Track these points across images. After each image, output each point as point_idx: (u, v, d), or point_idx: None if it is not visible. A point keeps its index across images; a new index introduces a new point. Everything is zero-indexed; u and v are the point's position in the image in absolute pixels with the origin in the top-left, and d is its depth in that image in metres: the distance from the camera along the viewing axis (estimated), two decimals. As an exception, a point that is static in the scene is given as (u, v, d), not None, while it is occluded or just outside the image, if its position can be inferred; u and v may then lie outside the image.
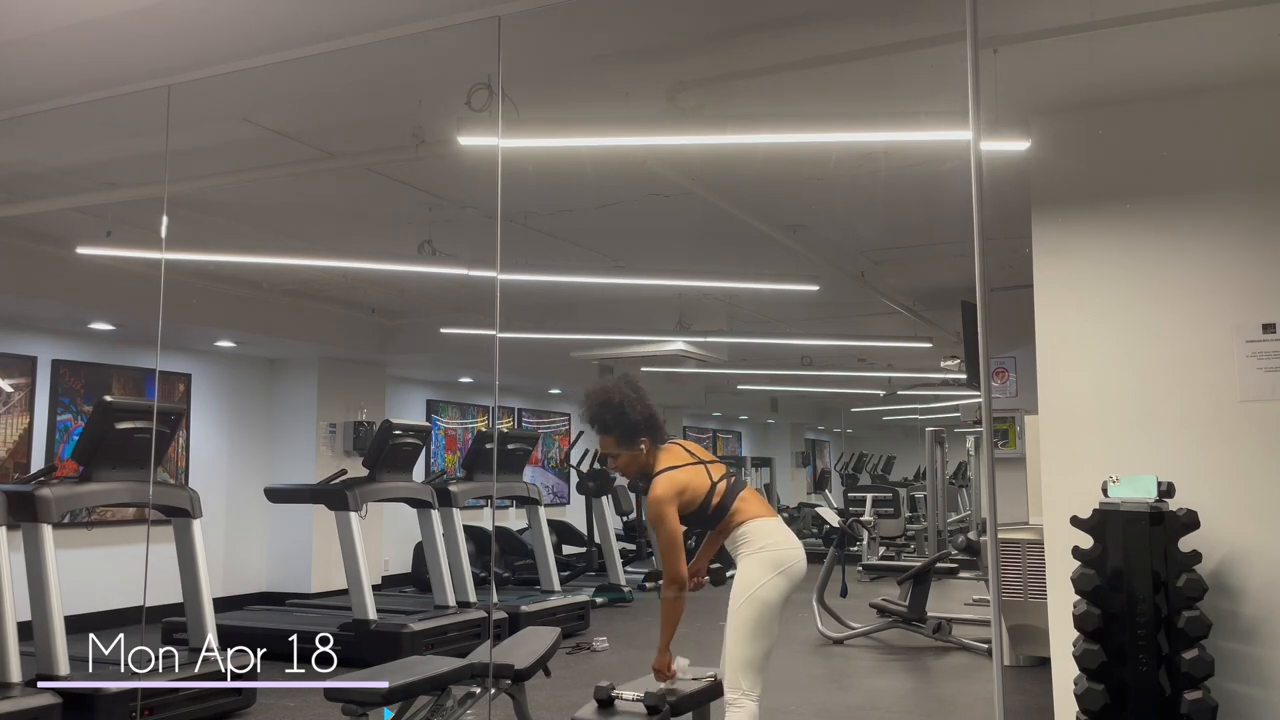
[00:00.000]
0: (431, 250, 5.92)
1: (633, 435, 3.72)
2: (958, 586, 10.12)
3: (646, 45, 3.65)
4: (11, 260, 6.44)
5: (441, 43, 3.47)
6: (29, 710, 4.58)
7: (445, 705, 4.24)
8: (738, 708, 3.54)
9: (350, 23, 3.37)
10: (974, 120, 2.60)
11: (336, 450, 9.91)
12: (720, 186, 5.22)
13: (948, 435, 13.03)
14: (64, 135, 4.63)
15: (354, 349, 9.55)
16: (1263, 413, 3.75)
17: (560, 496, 13.69)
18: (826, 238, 6.50)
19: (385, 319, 9.50)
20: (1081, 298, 4.05)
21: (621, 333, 8.82)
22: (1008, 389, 7.08)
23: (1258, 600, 3.70)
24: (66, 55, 3.66)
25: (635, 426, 3.72)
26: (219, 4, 3.27)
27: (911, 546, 13.27)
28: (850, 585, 8.56)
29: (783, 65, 3.73)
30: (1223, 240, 3.87)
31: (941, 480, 12.82)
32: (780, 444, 20.00)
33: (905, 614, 7.80)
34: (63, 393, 8.11)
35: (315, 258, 6.80)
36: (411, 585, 9.92)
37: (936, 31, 3.35)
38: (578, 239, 6.62)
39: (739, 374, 12.50)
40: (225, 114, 4.32)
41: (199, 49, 3.59)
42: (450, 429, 12.20)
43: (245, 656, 5.21)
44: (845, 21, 3.49)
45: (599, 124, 3.89)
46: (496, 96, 3.49)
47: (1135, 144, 4.04)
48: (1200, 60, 3.74)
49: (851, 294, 7.94)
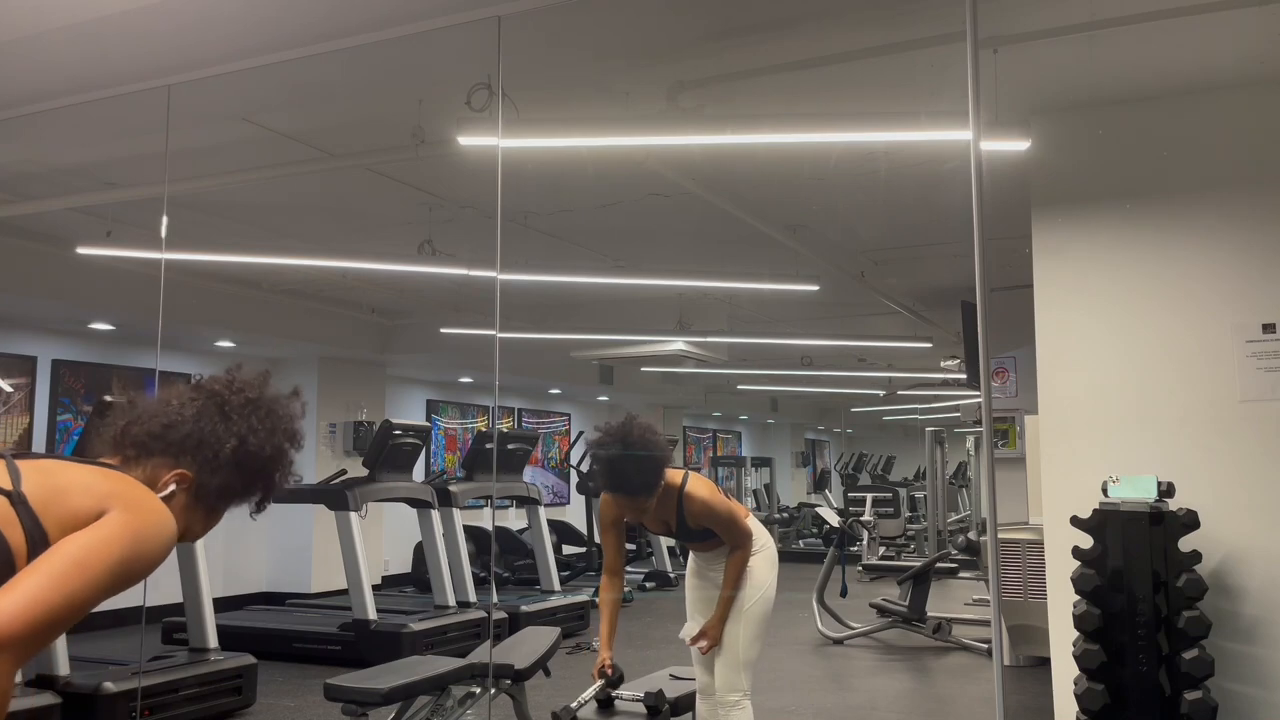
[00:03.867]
0: (431, 250, 5.92)
1: (658, 483, 3.55)
2: (958, 586, 10.13)
3: (646, 45, 3.65)
4: (11, 260, 6.44)
5: (441, 43, 3.46)
6: (29, 710, 4.57)
7: (445, 705, 4.24)
8: (740, 708, 3.56)
9: (350, 23, 3.36)
10: (974, 120, 2.60)
11: (336, 450, 9.91)
12: (720, 186, 5.22)
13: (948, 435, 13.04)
14: (64, 135, 4.62)
15: (354, 349, 9.55)
16: (1263, 413, 3.75)
17: (560, 496, 13.69)
18: (826, 238, 6.50)
19: (385, 319, 9.50)
20: (1081, 298, 4.05)
21: (621, 333, 8.82)
22: (1008, 389, 7.08)
23: (1258, 600, 3.70)
24: (66, 55, 3.66)
25: (659, 476, 3.54)
26: (219, 4, 3.27)
27: (911, 546, 13.28)
28: (850, 585, 8.56)
29: (783, 65, 3.73)
30: (1223, 240, 3.87)
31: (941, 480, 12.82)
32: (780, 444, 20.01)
33: (905, 614, 7.80)
34: (63, 393, 8.11)
35: (315, 258, 6.80)
36: (411, 585, 9.93)
37: (936, 31, 3.35)
38: (578, 239, 6.62)
39: (739, 374, 12.51)
40: (225, 114, 4.31)
41: (199, 49, 3.59)
42: (450, 429, 12.20)
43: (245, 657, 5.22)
44: (845, 21, 3.48)
45: (599, 124, 3.89)
46: (496, 96, 3.49)
47: (1135, 144, 4.04)
48: (1200, 60, 3.74)
49: (851, 294, 7.95)
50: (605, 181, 5.17)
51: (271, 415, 1.56)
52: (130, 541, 1.33)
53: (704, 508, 3.57)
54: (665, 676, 4.25)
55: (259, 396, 1.56)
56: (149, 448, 1.48)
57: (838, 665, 7.10)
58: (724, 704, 3.58)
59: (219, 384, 1.55)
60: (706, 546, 3.76)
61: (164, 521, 1.38)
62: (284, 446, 1.58)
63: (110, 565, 1.30)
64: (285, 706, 5.75)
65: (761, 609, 3.64)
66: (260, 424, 1.54)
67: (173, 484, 1.47)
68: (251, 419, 1.53)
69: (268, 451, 1.54)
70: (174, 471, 1.48)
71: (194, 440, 1.49)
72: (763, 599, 3.65)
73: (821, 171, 4.97)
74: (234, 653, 5.65)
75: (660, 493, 3.53)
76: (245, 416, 1.53)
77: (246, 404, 1.54)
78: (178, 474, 1.47)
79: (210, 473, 1.49)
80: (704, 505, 3.57)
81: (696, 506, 3.56)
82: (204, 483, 1.50)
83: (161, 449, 1.48)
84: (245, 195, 5.63)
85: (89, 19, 3.34)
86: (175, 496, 1.48)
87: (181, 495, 1.48)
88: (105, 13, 3.30)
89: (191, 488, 1.49)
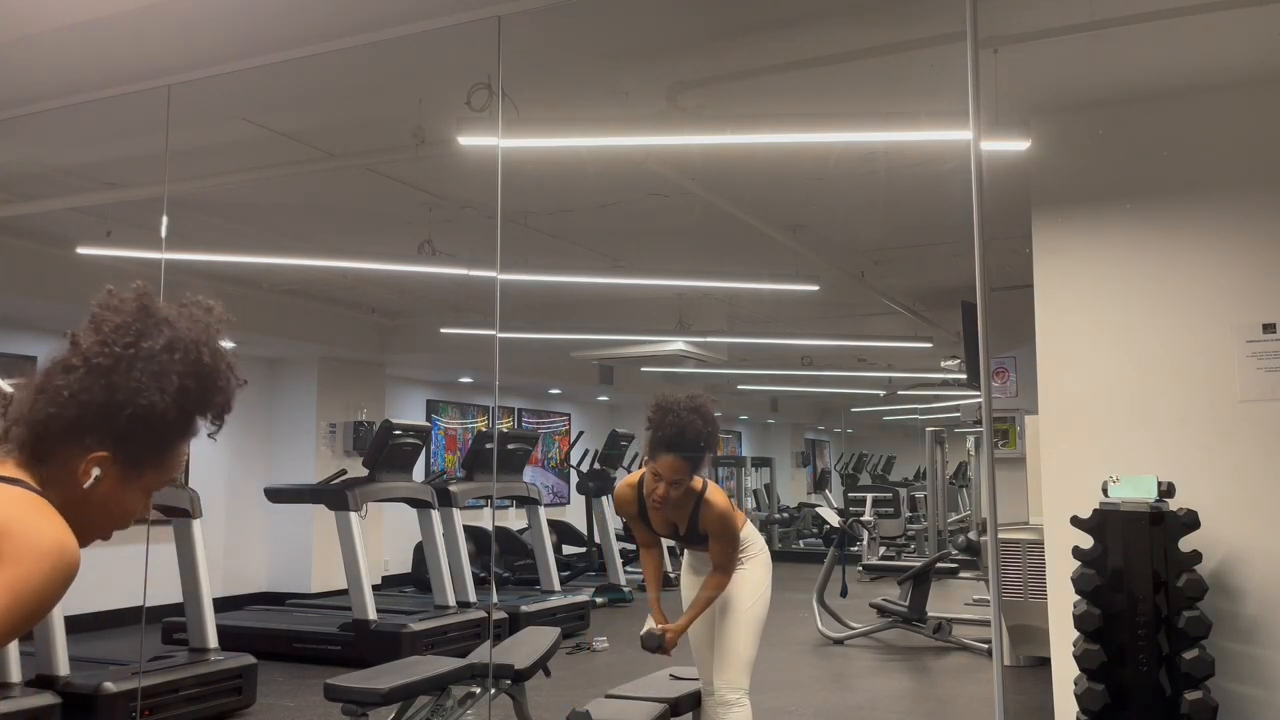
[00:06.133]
0: (431, 250, 5.92)
1: (715, 447, 3.57)
2: (958, 586, 10.12)
3: (646, 45, 3.66)
4: (11, 260, 6.44)
5: (441, 43, 3.47)
6: (29, 710, 4.57)
7: (445, 705, 4.24)
8: (740, 706, 3.59)
9: (350, 23, 3.37)
10: (974, 120, 2.61)
11: (336, 450, 9.91)
12: (720, 186, 5.22)
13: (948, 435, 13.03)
14: (64, 135, 4.63)
15: (354, 349, 9.55)
16: (1263, 413, 3.75)
17: (560, 496, 13.69)
18: (826, 238, 6.50)
19: (385, 319, 9.50)
20: (1081, 298, 4.05)
21: (621, 333, 8.82)
22: (1008, 389, 7.08)
23: (1258, 600, 3.70)
24: (66, 55, 3.66)
25: (717, 441, 3.57)
26: (219, 4, 3.27)
27: (911, 546, 13.28)
28: (850, 585, 8.56)
29: (783, 65, 3.73)
30: (1223, 240, 3.87)
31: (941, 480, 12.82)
32: (780, 444, 20.00)
33: (905, 614, 7.80)
34: (63, 393, 8.10)
35: (315, 258, 6.80)
36: (411, 585, 9.92)
37: (936, 31, 3.35)
38: (578, 239, 6.62)
39: (739, 374, 12.51)
40: (225, 114, 4.32)
41: (199, 49, 3.59)
42: (450, 429, 12.20)
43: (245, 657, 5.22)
44: (845, 21, 3.49)
45: (599, 124, 3.90)
46: (496, 96, 3.49)
47: (1135, 144, 4.04)
48: (1200, 60, 3.74)
49: (851, 294, 7.95)
50: (605, 181, 5.17)
51: (154, 359, 1.33)
52: (14, 603, 1.17)
53: (718, 518, 3.61)
54: (665, 676, 4.25)
55: (134, 342, 1.34)
56: (44, 445, 1.31)
57: (838, 665, 7.10)
58: (724, 703, 3.60)
59: (87, 341, 1.34)
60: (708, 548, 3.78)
61: (58, 566, 1.21)
62: (189, 384, 1.35)
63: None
64: (285, 706, 5.75)
65: (760, 610, 3.70)
66: (145, 376, 1.32)
67: (94, 469, 1.31)
68: (133, 374, 1.31)
69: (169, 400, 1.33)
70: (90, 456, 1.31)
71: (86, 422, 1.30)
72: (761, 600, 3.71)
73: (821, 171, 4.97)
74: (234, 653, 5.65)
75: (684, 490, 3.53)
76: (126, 374, 1.31)
77: (118, 360, 1.32)
78: (94, 458, 1.31)
79: (125, 443, 1.32)
80: (719, 516, 3.61)
81: (713, 514, 3.59)
82: (126, 454, 1.33)
83: (58, 440, 1.31)
84: (245, 195, 5.63)
85: (89, 19, 3.34)
86: (105, 478, 1.32)
87: (112, 472, 1.33)
88: (105, 13, 3.30)
89: (116, 463, 1.32)
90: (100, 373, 1.32)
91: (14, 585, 1.18)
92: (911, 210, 5.83)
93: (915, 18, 3.39)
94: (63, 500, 1.30)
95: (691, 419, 3.42)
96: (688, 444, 3.43)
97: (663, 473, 3.44)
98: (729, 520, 3.63)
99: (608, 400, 14.27)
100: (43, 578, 1.20)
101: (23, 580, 1.19)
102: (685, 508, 3.59)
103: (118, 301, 1.39)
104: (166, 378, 1.33)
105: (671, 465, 3.43)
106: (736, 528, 3.68)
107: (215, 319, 1.45)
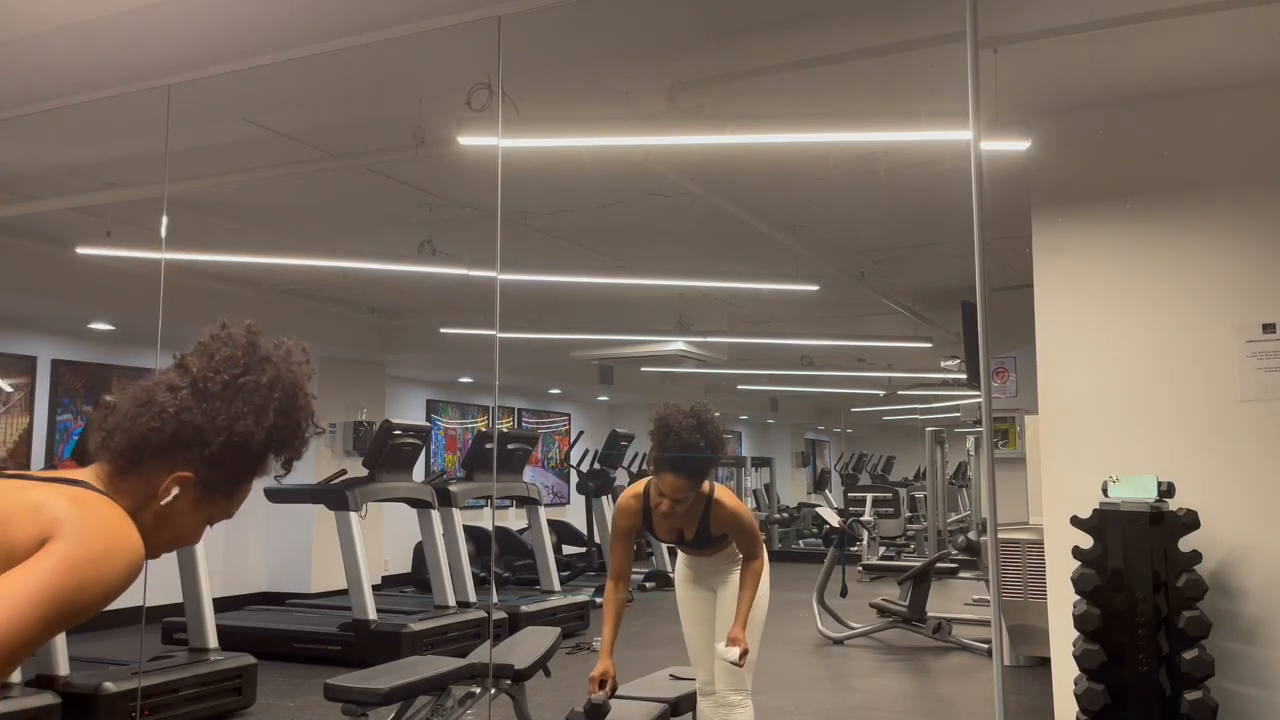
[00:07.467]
0: (431, 250, 5.92)
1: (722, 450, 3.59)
2: (958, 586, 10.12)
3: (646, 45, 3.65)
4: (11, 260, 6.44)
5: (441, 43, 3.46)
6: (29, 710, 4.58)
7: (445, 705, 4.24)
8: (743, 707, 3.61)
9: (350, 23, 3.36)
10: (974, 120, 2.60)
11: (336, 450, 9.91)
12: (720, 186, 5.22)
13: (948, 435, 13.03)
14: (64, 135, 4.62)
15: (354, 349, 9.55)
16: (1263, 413, 3.75)
17: (560, 496, 13.69)
18: (826, 238, 6.50)
19: (385, 319, 9.50)
20: (1081, 298, 4.05)
21: (621, 333, 8.82)
22: (1008, 389, 7.08)
23: (1258, 600, 3.70)
24: (66, 55, 3.66)
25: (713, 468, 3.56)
26: (219, 4, 3.27)
27: (911, 546, 13.28)
28: (850, 585, 8.56)
29: (783, 65, 3.73)
30: (1223, 240, 3.87)
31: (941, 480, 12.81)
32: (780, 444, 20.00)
33: (905, 614, 7.80)
34: (63, 393, 8.11)
35: (315, 258, 6.80)
36: (411, 585, 9.92)
37: (936, 31, 3.35)
38: (578, 239, 6.62)
39: (739, 374, 12.50)
40: (225, 114, 4.32)
41: (199, 49, 3.59)
42: (450, 429, 12.20)
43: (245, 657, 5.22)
44: (845, 21, 3.49)
45: (599, 124, 3.90)
46: (496, 96, 3.49)
47: (1135, 144, 4.04)
48: (1201, 60, 3.74)
49: (851, 294, 7.95)
50: (605, 181, 5.17)
51: (257, 392, 1.40)
52: (67, 574, 1.16)
53: (732, 516, 3.61)
54: (665, 676, 4.25)
55: (241, 374, 1.40)
56: (138, 457, 1.36)
57: (838, 665, 7.10)
58: (726, 703, 3.61)
59: (197, 366, 1.41)
60: (711, 552, 3.79)
61: (115, 547, 1.23)
62: (280, 423, 1.42)
63: (41, 606, 1.14)
64: (285, 706, 5.75)
65: (762, 610, 3.72)
66: (246, 407, 1.38)
67: (175, 488, 1.37)
68: (235, 403, 1.38)
69: (261, 434, 1.39)
70: (172, 476, 1.37)
71: (182, 440, 1.36)
72: (761, 601, 3.72)
73: (821, 171, 4.97)
74: (234, 653, 5.65)
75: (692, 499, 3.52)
76: (229, 402, 1.38)
77: (225, 388, 1.39)
78: (177, 477, 1.37)
79: (211, 467, 1.38)
80: (732, 514, 3.61)
81: (725, 514, 3.59)
82: (208, 478, 1.39)
83: (152, 454, 1.36)
84: (245, 195, 5.63)
85: (89, 19, 3.34)
86: (183, 497, 1.38)
87: (190, 493, 1.39)
88: (105, 13, 3.30)
89: (196, 485, 1.38)
90: (205, 397, 1.38)
91: (74, 561, 1.19)
92: (911, 210, 5.83)
93: (915, 17, 3.39)
94: (130, 511, 1.33)
95: (694, 437, 3.40)
96: (692, 463, 3.42)
97: (668, 492, 3.44)
98: (743, 515, 3.64)
99: (608, 400, 14.27)
100: (105, 558, 1.21)
101: (85, 556, 1.20)
102: (695, 513, 3.60)
103: (229, 334, 1.46)
104: (264, 412, 1.40)
105: (675, 485, 3.42)
106: (752, 519, 3.70)
107: (309, 365, 1.52)
